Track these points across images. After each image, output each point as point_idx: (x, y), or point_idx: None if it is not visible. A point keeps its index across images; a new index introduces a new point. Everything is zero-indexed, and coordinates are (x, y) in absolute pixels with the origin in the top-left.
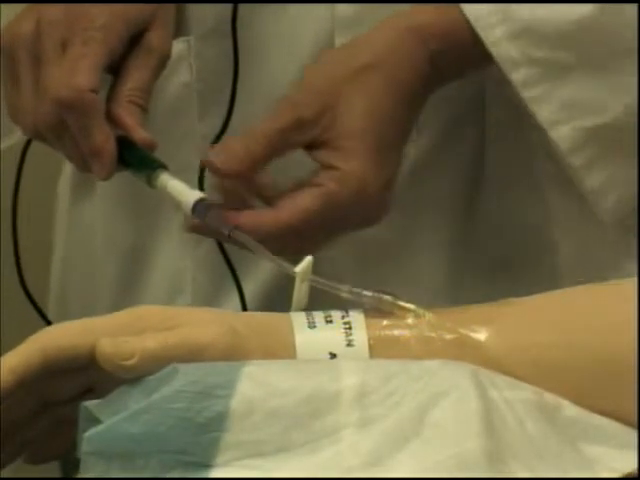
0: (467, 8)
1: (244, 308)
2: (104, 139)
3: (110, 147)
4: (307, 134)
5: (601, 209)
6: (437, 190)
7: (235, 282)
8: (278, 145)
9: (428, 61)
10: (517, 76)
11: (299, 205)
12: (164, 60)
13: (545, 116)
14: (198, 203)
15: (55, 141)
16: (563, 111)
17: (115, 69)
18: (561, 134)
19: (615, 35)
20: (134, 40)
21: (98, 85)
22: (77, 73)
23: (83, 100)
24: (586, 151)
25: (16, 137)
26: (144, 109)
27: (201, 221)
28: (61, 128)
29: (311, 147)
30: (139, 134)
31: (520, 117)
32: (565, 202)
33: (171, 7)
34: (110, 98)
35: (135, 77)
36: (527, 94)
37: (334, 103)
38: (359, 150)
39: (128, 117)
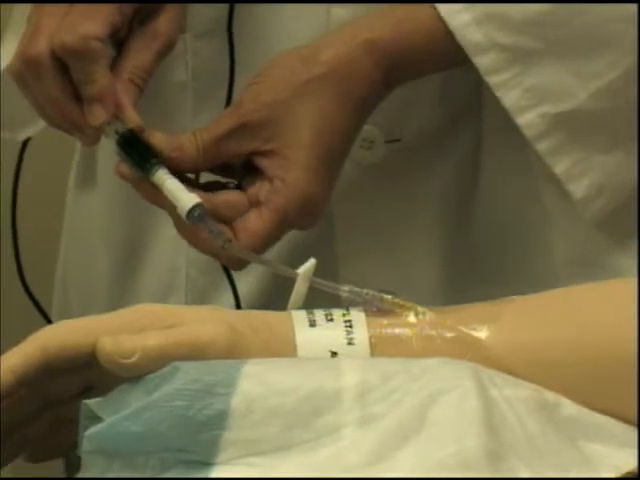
0: (437, 5)
1: (238, 306)
2: (109, 83)
3: (114, 92)
4: (250, 141)
5: (576, 200)
6: (431, 192)
7: (229, 280)
8: (220, 149)
9: (381, 75)
10: (483, 61)
11: (252, 230)
12: (170, 45)
13: (511, 102)
14: (193, 209)
15: (33, 83)
16: (529, 97)
17: (119, 44)
18: (527, 120)
19: (581, 22)
20: (143, 19)
21: (105, 36)
22: (85, 21)
23: (89, 47)
24: (552, 137)
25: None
26: (141, 91)
27: (195, 227)
28: (43, 71)
29: (255, 154)
30: (130, 115)
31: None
32: (561, 203)
33: None
34: (111, 72)
35: (139, 57)
36: (493, 80)
37: (281, 114)
38: (305, 162)
39: (124, 95)
